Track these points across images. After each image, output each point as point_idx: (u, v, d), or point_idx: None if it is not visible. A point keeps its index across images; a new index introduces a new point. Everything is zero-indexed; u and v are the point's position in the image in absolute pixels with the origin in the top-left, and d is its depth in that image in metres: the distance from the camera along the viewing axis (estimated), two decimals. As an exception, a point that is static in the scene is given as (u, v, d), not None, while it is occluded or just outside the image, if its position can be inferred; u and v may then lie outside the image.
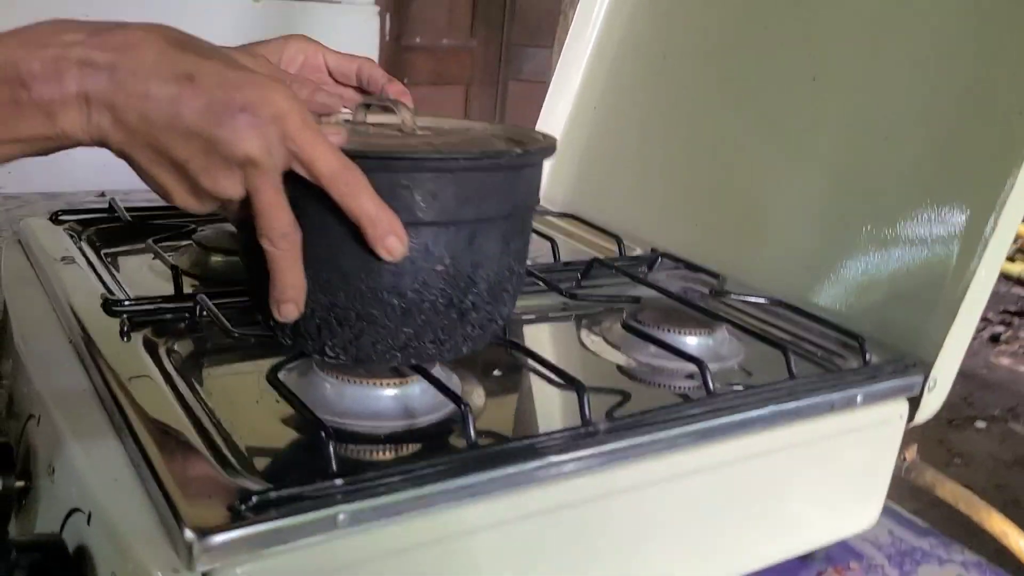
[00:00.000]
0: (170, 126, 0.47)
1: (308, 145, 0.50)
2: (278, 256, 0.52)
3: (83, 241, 0.91)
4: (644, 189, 1.10)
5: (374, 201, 0.52)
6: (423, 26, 3.40)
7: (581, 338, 0.82)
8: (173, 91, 0.47)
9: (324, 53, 0.75)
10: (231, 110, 0.48)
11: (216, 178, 0.49)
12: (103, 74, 0.47)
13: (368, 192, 0.52)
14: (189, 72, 0.48)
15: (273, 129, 0.49)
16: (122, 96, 0.47)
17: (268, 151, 0.49)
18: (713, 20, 1.07)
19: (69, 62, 0.46)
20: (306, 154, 0.50)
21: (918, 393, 0.75)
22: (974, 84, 0.80)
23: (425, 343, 0.58)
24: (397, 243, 0.53)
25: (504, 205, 0.58)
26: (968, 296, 0.75)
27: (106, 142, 0.48)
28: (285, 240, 0.52)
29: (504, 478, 0.54)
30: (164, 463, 0.52)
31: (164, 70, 0.47)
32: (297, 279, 0.54)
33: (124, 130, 0.47)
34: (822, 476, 0.73)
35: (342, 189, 0.51)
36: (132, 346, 0.67)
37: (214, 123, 0.48)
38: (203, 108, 0.48)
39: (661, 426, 0.62)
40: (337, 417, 0.60)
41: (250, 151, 0.48)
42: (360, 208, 0.52)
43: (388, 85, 0.75)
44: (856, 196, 0.87)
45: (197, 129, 0.48)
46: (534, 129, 0.67)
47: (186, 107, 0.47)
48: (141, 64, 0.47)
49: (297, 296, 0.54)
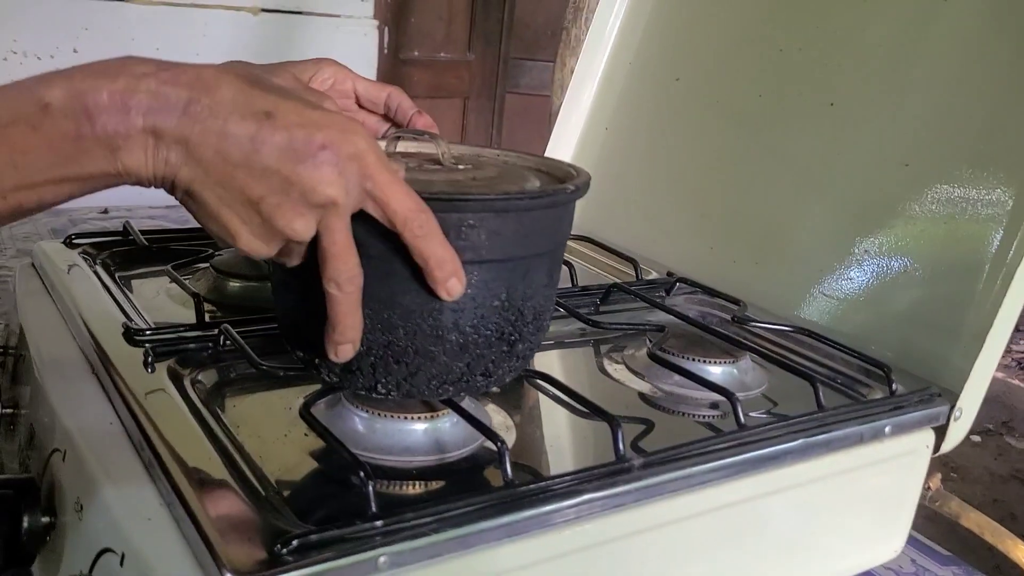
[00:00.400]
0: (248, 163, 0.46)
1: (385, 186, 0.49)
2: (342, 300, 0.51)
3: (98, 265, 0.90)
4: (659, 212, 1.10)
5: (444, 244, 0.52)
6: (421, 40, 3.40)
7: (603, 365, 0.81)
8: (252, 128, 0.46)
9: (354, 80, 0.75)
10: (312, 148, 0.47)
11: (291, 217, 0.48)
12: (175, 110, 0.45)
13: (439, 235, 0.51)
14: (268, 110, 0.47)
15: (352, 168, 0.48)
16: (198, 131, 0.45)
17: (346, 191, 0.48)
18: (726, 43, 1.07)
19: (138, 95, 0.45)
20: (383, 195, 0.49)
21: (944, 423, 0.75)
22: (993, 110, 0.80)
23: (476, 376, 0.58)
24: (458, 284, 0.53)
25: (554, 239, 0.60)
26: (995, 325, 0.75)
27: (172, 180, 0.47)
28: (351, 284, 0.51)
29: (541, 516, 0.54)
30: (199, 502, 0.51)
31: (242, 107, 0.46)
32: (358, 321, 0.53)
33: (197, 166, 0.46)
34: (849, 507, 0.73)
35: (415, 231, 0.50)
36: (157, 378, 0.66)
37: (295, 160, 0.46)
38: (284, 145, 0.46)
39: (694, 460, 0.61)
40: (368, 452, 0.59)
41: (331, 191, 0.47)
42: (431, 251, 0.51)
43: (416, 116, 0.74)
44: (876, 222, 0.87)
45: (277, 166, 0.46)
46: (557, 159, 0.67)
47: (266, 144, 0.46)
48: (218, 102, 0.46)
49: (356, 337, 0.53)
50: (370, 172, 0.49)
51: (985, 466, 2.80)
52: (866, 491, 0.73)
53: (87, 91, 0.44)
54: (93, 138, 0.45)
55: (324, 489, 0.58)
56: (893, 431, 0.72)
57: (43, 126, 0.44)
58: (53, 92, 0.44)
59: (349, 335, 0.53)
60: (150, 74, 0.45)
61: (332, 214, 0.49)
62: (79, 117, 0.44)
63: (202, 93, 0.46)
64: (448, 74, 3.50)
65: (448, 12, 3.51)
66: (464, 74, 3.56)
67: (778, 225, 0.96)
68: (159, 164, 0.46)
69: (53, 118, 0.44)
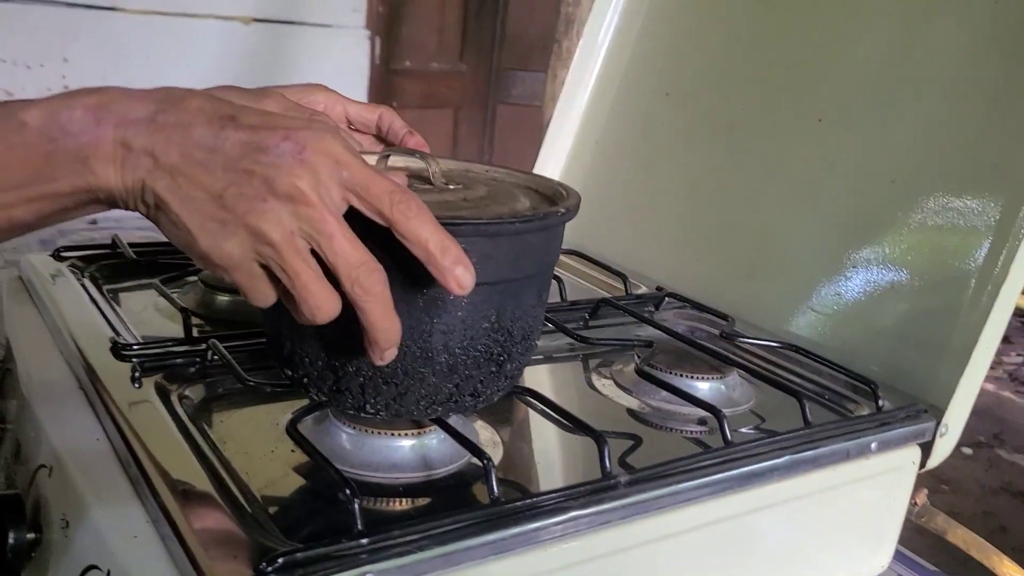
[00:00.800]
0: (210, 160, 0.46)
1: (360, 171, 0.48)
2: (371, 303, 0.48)
3: (86, 278, 0.90)
4: (648, 226, 1.10)
5: (439, 227, 0.49)
6: (413, 50, 3.41)
7: (591, 381, 0.82)
8: (216, 129, 0.46)
9: (345, 103, 0.75)
10: (274, 140, 0.46)
11: (253, 206, 0.46)
12: (143, 122, 0.46)
13: (432, 219, 0.49)
14: (232, 114, 0.47)
15: (324, 162, 0.47)
16: (163, 139, 0.46)
17: (316, 183, 0.46)
18: (716, 59, 1.07)
19: (109, 109, 0.46)
20: (361, 181, 0.47)
21: (930, 439, 0.76)
22: (978, 128, 0.81)
23: (465, 396, 0.58)
24: (467, 274, 0.49)
25: (544, 261, 0.60)
26: (980, 341, 0.75)
27: (141, 189, 0.47)
28: (375, 281, 0.48)
29: (527, 534, 0.54)
30: (185, 519, 0.51)
31: (208, 113, 0.47)
32: (396, 321, 0.50)
33: (164, 172, 0.46)
34: (835, 523, 0.73)
35: (405, 213, 0.48)
36: (144, 393, 0.66)
37: (256, 151, 0.46)
38: (245, 140, 0.46)
39: (681, 477, 0.61)
40: (354, 468, 0.59)
41: (296, 181, 0.46)
42: (427, 233, 0.48)
43: (408, 136, 0.75)
44: (864, 238, 0.88)
45: (238, 159, 0.46)
46: (546, 177, 0.67)
47: (228, 141, 0.46)
48: (184, 110, 0.47)
49: (398, 337, 0.50)
50: (343, 160, 0.47)
51: (976, 478, 2.81)
52: (853, 507, 0.74)
53: (62, 109, 0.46)
54: (65, 151, 0.46)
55: (310, 506, 0.58)
56: (879, 447, 0.72)
57: (18, 144, 0.46)
58: (30, 112, 0.46)
59: (393, 338, 0.50)
60: (124, 93, 0.47)
61: (312, 213, 0.46)
62: (53, 133, 0.46)
63: (169, 105, 0.47)
64: (440, 84, 3.52)
65: (440, 23, 3.52)
66: (456, 84, 3.57)
67: (767, 240, 0.97)
68: (128, 174, 0.47)
69: (27, 136, 0.46)
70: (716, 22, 1.09)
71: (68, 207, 0.48)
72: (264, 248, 0.47)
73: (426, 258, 0.49)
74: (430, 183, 0.61)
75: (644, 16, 1.17)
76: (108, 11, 2.55)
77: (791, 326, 0.91)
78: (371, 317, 0.49)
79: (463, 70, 3.58)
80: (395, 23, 3.27)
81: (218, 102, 0.48)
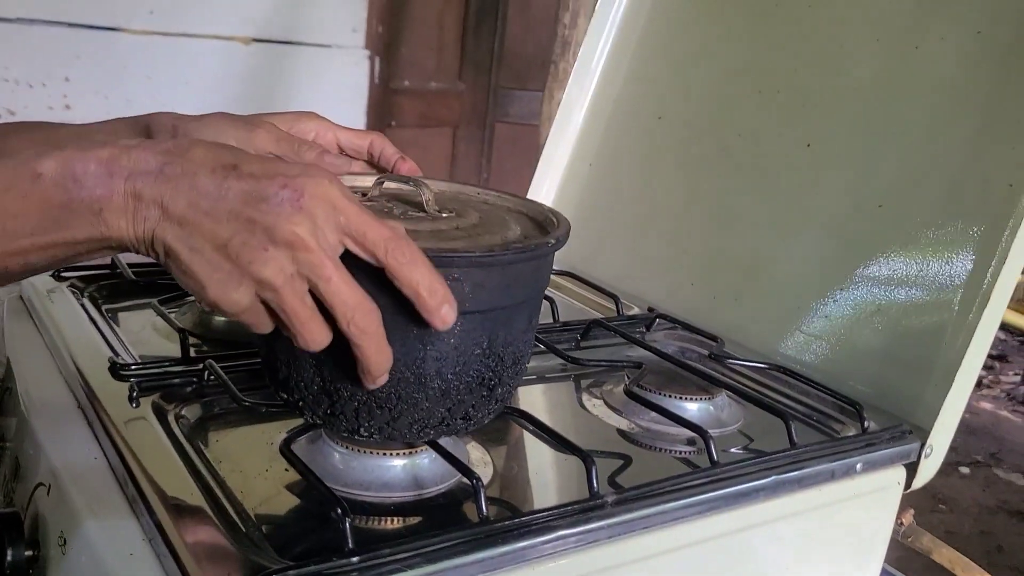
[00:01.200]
0: (214, 210, 0.48)
1: (357, 217, 0.50)
2: (365, 341, 0.51)
3: (85, 298, 0.91)
4: (640, 247, 1.12)
5: (431, 270, 0.51)
6: (412, 69, 3.43)
7: (582, 401, 0.83)
8: (219, 178, 0.49)
9: (336, 131, 0.76)
10: (273, 187, 0.49)
11: (256, 255, 0.48)
12: (152, 173, 0.48)
13: (424, 261, 0.51)
14: (233, 163, 0.49)
15: (320, 207, 0.49)
16: (171, 189, 0.48)
17: (314, 229, 0.49)
18: (708, 84, 1.09)
19: (121, 161, 0.48)
20: (358, 228, 0.50)
21: (915, 459, 0.77)
22: (964, 153, 0.83)
23: (457, 420, 0.59)
24: (451, 312, 0.52)
25: (534, 288, 0.61)
26: (964, 363, 0.77)
27: (151, 238, 0.49)
28: (369, 322, 0.50)
29: (515, 552, 0.55)
30: (180, 537, 0.52)
31: (211, 162, 0.49)
32: (388, 355, 0.53)
33: (172, 222, 0.48)
34: (822, 543, 0.74)
35: (399, 259, 0.50)
36: (142, 412, 0.67)
37: (257, 201, 0.48)
38: (247, 190, 0.49)
39: (667, 497, 0.62)
40: (347, 487, 0.61)
41: (295, 228, 0.48)
42: (419, 277, 0.51)
43: (400, 162, 0.76)
44: (852, 261, 0.89)
45: (240, 209, 0.48)
46: (537, 202, 0.69)
47: (231, 191, 0.48)
48: (190, 160, 0.49)
49: (389, 367, 0.53)
50: (340, 206, 0.49)
51: (973, 497, 2.81)
52: (839, 527, 0.75)
53: (76, 160, 0.48)
54: (79, 202, 0.48)
55: (303, 525, 0.59)
56: (865, 468, 0.73)
57: (33, 194, 0.48)
58: (45, 163, 0.48)
59: (385, 366, 0.53)
60: (134, 145, 0.49)
61: (307, 257, 0.49)
62: (68, 184, 0.48)
63: (176, 156, 0.49)
64: (438, 103, 3.53)
65: (439, 42, 3.54)
66: (454, 103, 3.59)
67: (757, 262, 0.98)
68: (139, 224, 0.49)
69: (44, 186, 0.48)
70: (708, 48, 1.10)
71: (81, 253, 0.50)
72: (266, 293, 0.49)
73: (415, 298, 0.51)
74: (423, 210, 0.62)
75: (638, 41, 1.19)
76: (110, 31, 2.57)
77: (780, 347, 0.92)
78: (365, 352, 0.51)
79: (461, 89, 3.60)
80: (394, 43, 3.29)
81: (220, 150, 0.50)
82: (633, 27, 1.20)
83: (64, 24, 2.49)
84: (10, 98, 2.49)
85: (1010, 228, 0.77)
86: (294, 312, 0.50)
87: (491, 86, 3.68)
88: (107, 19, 2.54)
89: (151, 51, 2.58)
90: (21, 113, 2.37)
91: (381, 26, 3.09)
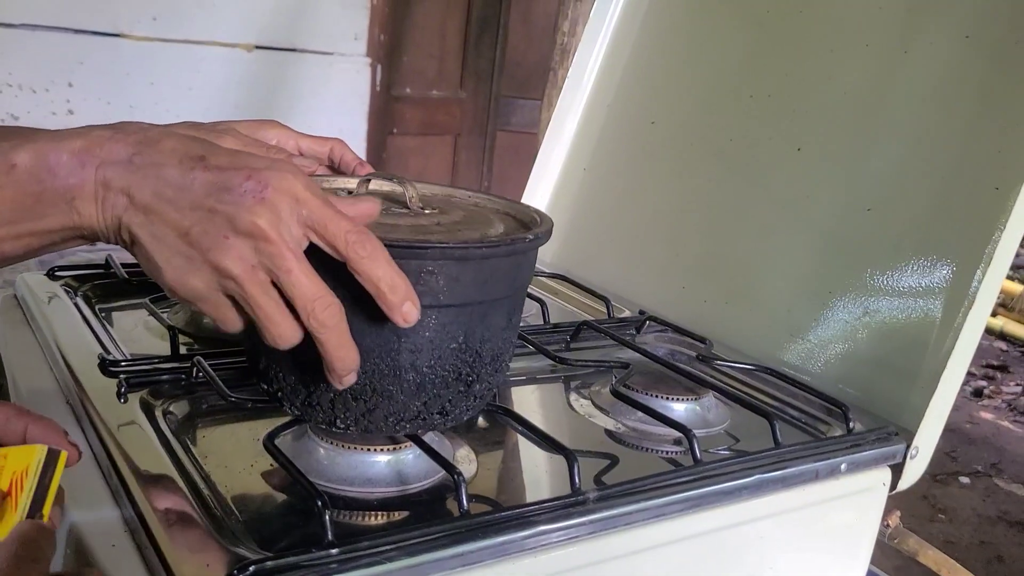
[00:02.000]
0: (178, 199, 0.49)
1: (319, 210, 0.50)
2: (327, 336, 0.51)
3: (79, 297, 0.92)
4: (632, 251, 1.12)
5: (391, 266, 0.51)
6: (414, 77, 3.44)
7: (570, 401, 0.83)
8: (185, 169, 0.50)
9: (297, 138, 0.77)
10: (237, 180, 0.49)
11: (216, 243, 0.49)
12: (122, 163, 0.50)
13: (385, 256, 0.51)
14: (201, 154, 0.50)
15: (283, 200, 0.49)
16: (139, 178, 0.49)
17: (276, 221, 0.49)
18: (700, 89, 1.10)
19: (92, 152, 0.50)
20: (319, 220, 0.50)
21: (900, 461, 0.77)
22: (953, 158, 0.83)
23: (433, 414, 0.60)
24: (413, 309, 0.52)
25: (512, 285, 0.61)
26: (949, 366, 0.77)
27: (118, 226, 0.50)
28: (330, 315, 0.51)
29: (495, 547, 0.56)
30: (162, 529, 0.53)
31: (179, 154, 0.50)
32: (352, 351, 0.53)
33: (137, 210, 0.50)
34: (806, 542, 0.74)
35: (359, 252, 0.51)
36: (129, 408, 0.68)
37: (220, 191, 0.49)
38: (212, 181, 0.50)
39: (649, 495, 0.63)
40: (331, 483, 0.61)
41: (256, 219, 0.49)
42: (379, 273, 0.51)
43: (359, 167, 0.77)
44: (841, 264, 0.90)
45: (203, 199, 0.49)
46: (526, 204, 0.69)
47: (196, 181, 0.49)
48: (159, 151, 0.50)
49: (355, 364, 0.53)
50: (303, 199, 0.50)
51: (973, 507, 2.80)
52: (824, 527, 0.75)
53: (50, 151, 0.50)
54: (53, 191, 0.50)
55: (286, 519, 0.59)
56: (849, 468, 0.73)
57: (8, 184, 0.49)
58: (20, 155, 0.50)
59: (349, 366, 0.53)
60: (107, 137, 0.51)
61: (268, 248, 0.49)
62: (41, 174, 0.49)
63: (146, 147, 0.50)
64: (440, 111, 3.54)
65: (440, 50, 3.56)
66: (456, 111, 3.60)
67: (747, 266, 0.98)
68: (107, 212, 0.50)
69: (17, 176, 0.49)
70: (700, 54, 1.11)
71: (55, 242, 0.52)
72: (227, 282, 0.50)
73: (376, 294, 0.52)
74: (407, 207, 0.63)
75: (631, 47, 1.20)
76: (113, 37, 2.58)
77: (768, 349, 0.92)
78: (327, 347, 0.52)
79: (463, 97, 3.61)
80: (396, 51, 3.31)
81: (190, 143, 0.51)
82: (627, 34, 1.20)
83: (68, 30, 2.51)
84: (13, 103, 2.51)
85: (996, 231, 0.78)
86: (257, 304, 0.50)
87: (492, 94, 3.70)
88: (110, 25, 2.56)
89: (154, 57, 2.59)
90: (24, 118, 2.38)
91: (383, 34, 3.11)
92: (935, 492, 2.89)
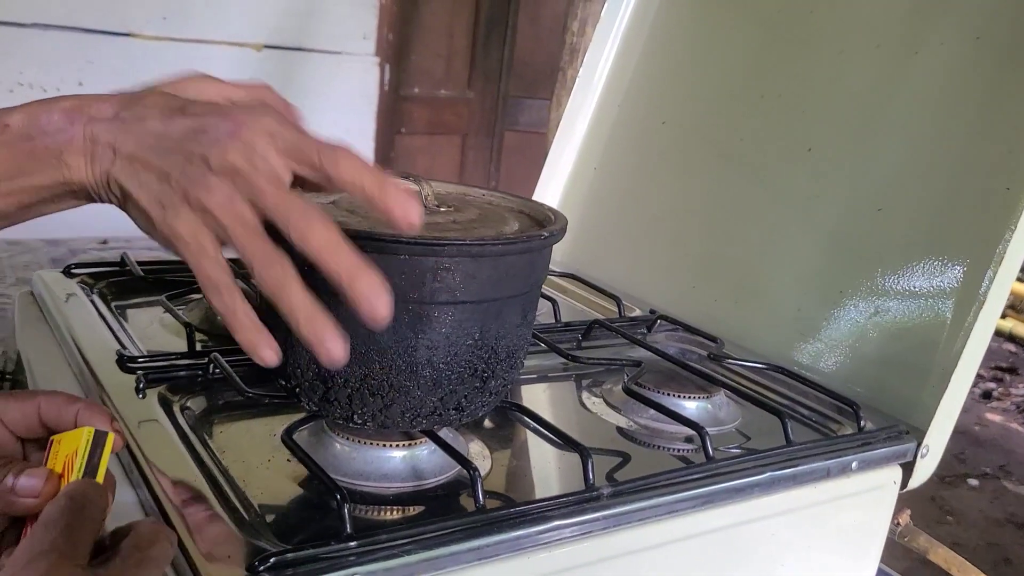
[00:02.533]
0: (159, 145, 0.51)
1: (292, 135, 0.51)
2: (307, 247, 0.49)
3: (95, 294, 0.93)
4: (643, 250, 1.13)
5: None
6: (422, 77, 3.46)
7: (582, 399, 0.84)
8: (166, 118, 0.52)
9: (219, 87, 0.76)
10: (213, 121, 0.51)
11: (197, 181, 0.49)
12: (107, 119, 0.52)
13: (362, 163, 0.51)
14: (182, 106, 0.53)
15: (256, 134, 0.50)
16: (123, 131, 0.52)
17: (251, 155, 0.50)
18: (710, 89, 1.10)
19: (82, 113, 0.52)
20: (292, 144, 0.51)
21: (911, 459, 0.77)
22: (961, 158, 0.84)
23: (449, 410, 0.61)
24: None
25: (527, 282, 0.62)
26: (960, 366, 0.78)
27: (107, 180, 0.52)
28: (322, 226, 0.49)
29: (510, 541, 0.56)
30: (183, 521, 0.53)
31: (161, 106, 0.53)
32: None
33: (123, 161, 0.52)
34: (817, 540, 0.75)
35: (332, 158, 0.51)
36: (148, 403, 0.68)
37: (198, 134, 0.51)
38: (190, 126, 0.51)
39: (662, 491, 0.63)
40: (348, 478, 0.62)
41: (230, 156, 0.50)
42: (357, 175, 0.51)
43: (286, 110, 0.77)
44: (851, 264, 0.90)
45: (182, 143, 0.51)
46: (540, 202, 0.70)
47: (176, 128, 0.51)
48: (143, 105, 0.53)
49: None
50: (276, 132, 0.51)
51: (981, 510, 2.80)
52: (834, 525, 0.76)
53: (41, 112, 0.53)
54: (44, 149, 0.52)
55: (304, 512, 0.60)
56: (860, 466, 0.74)
57: (1, 143, 0.52)
58: (13, 116, 0.53)
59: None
60: (95, 97, 0.54)
61: (248, 180, 0.50)
62: (32, 132, 0.52)
63: (130, 103, 0.53)
64: (448, 111, 3.56)
65: (448, 50, 3.57)
66: (463, 111, 3.61)
67: (757, 265, 0.99)
68: (95, 166, 0.52)
69: (10, 136, 0.52)
70: (711, 54, 1.12)
71: (46, 199, 0.54)
72: (207, 217, 0.50)
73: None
74: (423, 205, 0.63)
75: (642, 47, 1.20)
76: (123, 37, 2.60)
77: (779, 348, 0.93)
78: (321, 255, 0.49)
79: (471, 97, 3.63)
80: (404, 51, 3.32)
81: (172, 97, 0.54)
82: (637, 34, 1.21)
83: (78, 29, 2.53)
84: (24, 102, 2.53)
85: (1007, 231, 0.78)
86: (236, 235, 0.49)
87: (500, 94, 3.71)
88: (120, 25, 2.58)
89: (164, 56, 2.61)
90: (35, 117, 2.39)
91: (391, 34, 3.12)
92: (943, 494, 2.89)
